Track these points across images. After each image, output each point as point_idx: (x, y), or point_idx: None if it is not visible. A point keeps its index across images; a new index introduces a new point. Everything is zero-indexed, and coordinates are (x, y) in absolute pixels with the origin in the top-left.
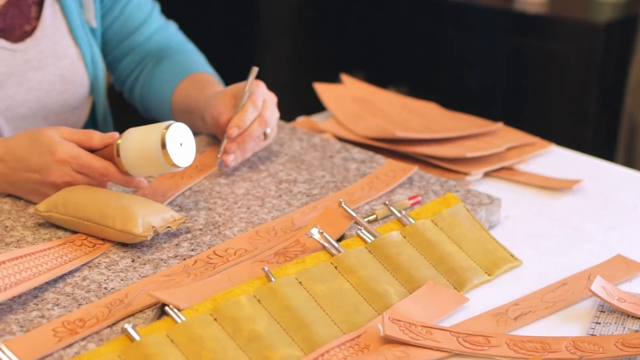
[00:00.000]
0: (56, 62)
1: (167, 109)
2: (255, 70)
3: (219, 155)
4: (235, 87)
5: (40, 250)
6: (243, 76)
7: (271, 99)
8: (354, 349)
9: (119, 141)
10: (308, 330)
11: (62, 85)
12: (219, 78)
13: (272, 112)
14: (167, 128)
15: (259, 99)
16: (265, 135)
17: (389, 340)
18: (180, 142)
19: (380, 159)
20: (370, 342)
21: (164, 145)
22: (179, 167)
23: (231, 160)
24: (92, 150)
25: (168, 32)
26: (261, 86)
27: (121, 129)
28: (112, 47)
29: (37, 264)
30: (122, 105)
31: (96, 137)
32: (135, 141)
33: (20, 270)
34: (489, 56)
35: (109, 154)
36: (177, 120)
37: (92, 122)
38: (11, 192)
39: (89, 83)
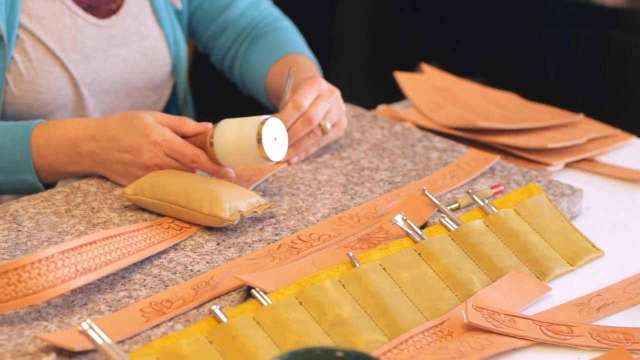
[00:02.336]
0: (140, 40)
1: (262, 91)
2: (292, 71)
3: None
4: (300, 81)
5: (129, 231)
6: (321, 64)
7: (328, 93)
8: (437, 336)
9: (213, 130)
10: (392, 316)
11: (146, 64)
12: (315, 59)
13: (322, 109)
14: (263, 122)
15: (303, 99)
16: (323, 130)
17: (472, 328)
18: (274, 136)
19: (462, 148)
20: (454, 329)
21: (259, 139)
22: (271, 161)
23: (283, 158)
24: (183, 137)
25: (261, 8)
26: (314, 83)
27: (200, 113)
28: (206, 26)
29: (126, 244)
30: (202, 89)
31: (190, 124)
32: (230, 132)
33: (110, 251)
34: (567, 48)
35: (200, 142)
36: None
37: (173, 104)
38: (99, 172)
39: (171, 63)
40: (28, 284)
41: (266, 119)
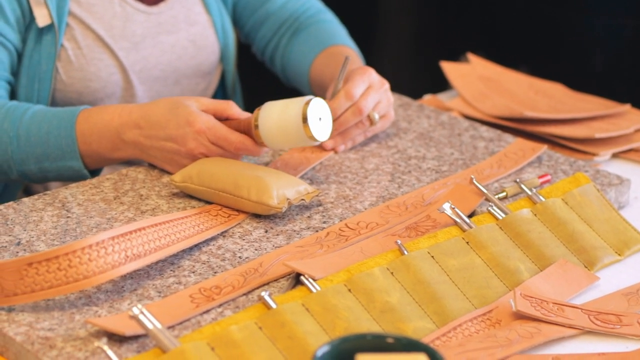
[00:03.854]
0: (188, 27)
1: (305, 83)
2: (347, 60)
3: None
4: (351, 71)
5: (177, 218)
6: (364, 55)
7: (379, 85)
8: (485, 324)
9: (258, 113)
10: (440, 304)
11: (194, 51)
12: (359, 51)
13: (373, 100)
14: (307, 102)
15: (355, 89)
16: (371, 121)
17: (521, 316)
18: (319, 116)
19: (509, 137)
20: (502, 317)
21: (305, 119)
22: (317, 140)
23: (330, 146)
24: (228, 120)
25: (303, 0)
26: (366, 73)
27: (249, 101)
28: (247, 16)
29: (175, 231)
30: (250, 78)
31: (235, 107)
32: (275, 113)
33: (159, 237)
34: (613, 39)
35: (244, 126)
36: (316, 95)
37: (222, 91)
38: (143, 159)
39: (219, 51)
40: (79, 269)
41: (311, 99)
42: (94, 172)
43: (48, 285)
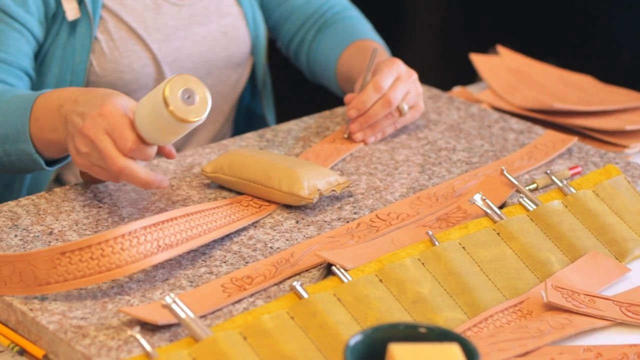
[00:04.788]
0: (219, 19)
1: (332, 78)
2: (375, 52)
3: (345, 135)
4: (379, 63)
5: (209, 208)
6: (392, 47)
7: (407, 75)
8: (517, 315)
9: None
10: (471, 295)
11: (225, 42)
12: (385, 45)
13: (401, 91)
14: (168, 81)
15: (384, 80)
16: (400, 112)
17: (552, 307)
18: (187, 94)
19: (539, 129)
20: (533, 308)
21: (166, 100)
22: (189, 121)
23: (359, 138)
24: None
25: None
26: (394, 65)
27: (279, 94)
28: (272, 10)
29: (206, 221)
30: (281, 71)
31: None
32: (144, 104)
33: (191, 227)
34: None
35: None
36: (344, 90)
37: (252, 83)
38: (64, 143)
39: (251, 42)
40: (111, 258)
41: (172, 77)
42: (53, 163)
43: (81, 275)
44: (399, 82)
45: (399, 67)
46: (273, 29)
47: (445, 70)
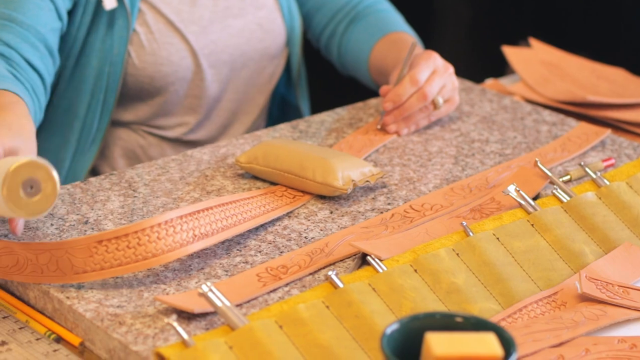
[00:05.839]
0: (255, 11)
1: (364, 70)
2: (413, 46)
3: (378, 126)
4: (416, 56)
5: (243, 198)
6: (422, 39)
7: (443, 69)
8: (551, 305)
9: None
10: (505, 285)
11: (261, 34)
12: (417, 37)
13: (437, 85)
14: (17, 166)
15: (420, 74)
16: (435, 105)
17: (586, 298)
18: (30, 184)
19: (572, 121)
20: (567, 299)
21: (3, 183)
22: (24, 213)
23: (393, 130)
24: None
25: None
26: (430, 58)
27: (313, 86)
28: (303, 2)
29: (241, 211)
30: (314, 63)
31: None
32: None
33: (226, 217)
34: None
35: None
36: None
37: (287, 74)
38: None
39: (286, 34)
40: (147, 247)
41: (19, 161)
42: None
43: (117, 263)
44: (435, 76)
45: (436, 60)
46: (304, 20)
47: (475, 62)
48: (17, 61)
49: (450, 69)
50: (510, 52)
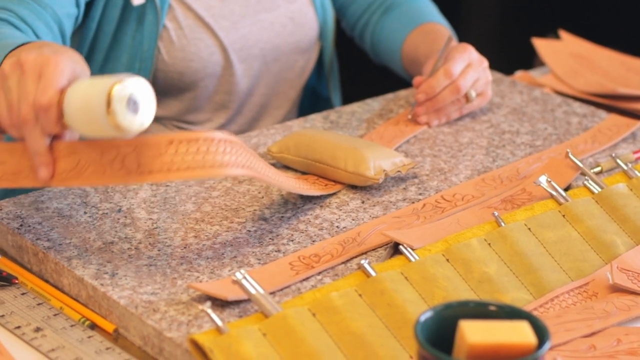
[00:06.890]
0: (287, 4)
1: (397, 60)
2: (450, 38)
3: (409, 117)
4: (451, 48)
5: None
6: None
7: (477, 63)
8: (582, 296)
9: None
10: (537, 276)
11: (293, 28)
12: (451, 28)
13: (471, 78)
14: (115, 83)
15: (455, 67)
16: (467, 98)
17: (617, 289)
18: (133, 100)
19: (602, 113)
20: (599, 289)
21: (109, 103)
22: (126, 131)
23: (424, 121)
24: None
25: None
26: (466, 51)
27: (346, 79)
28: None
29: (279, 181)
30: (346, 55)
31: None
32: (80, 91)
33: (275, 179)
34: None
35: None
36: (409, 72)
37: (319, 69)
38: None
39: (318, 27)
40: (215, 156)
41: (120, 80)
42: None
43: (185, 167)
44: (469, 69)
45: (471, 54)
46: (339, 10)
47: (503, 54)
48: (31, 37)
49: (485, 62)
50: (540, 44)
